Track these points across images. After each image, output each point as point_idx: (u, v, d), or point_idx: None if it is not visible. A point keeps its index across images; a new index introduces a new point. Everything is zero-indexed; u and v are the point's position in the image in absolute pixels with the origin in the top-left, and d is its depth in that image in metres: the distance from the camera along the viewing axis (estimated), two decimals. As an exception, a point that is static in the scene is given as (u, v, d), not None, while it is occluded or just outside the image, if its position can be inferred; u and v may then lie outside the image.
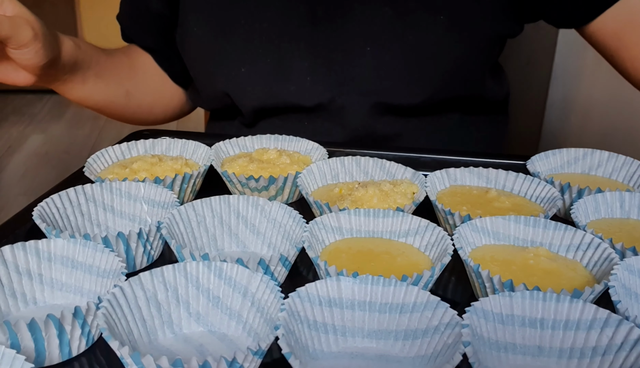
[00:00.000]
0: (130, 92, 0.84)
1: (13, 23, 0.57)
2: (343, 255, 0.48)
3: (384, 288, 0.40)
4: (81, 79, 0.74)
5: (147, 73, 0.87)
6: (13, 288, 0.43)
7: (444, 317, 0.38)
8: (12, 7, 0.59)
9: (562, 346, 0.39)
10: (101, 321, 0.35)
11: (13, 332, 0.36)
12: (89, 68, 0.75)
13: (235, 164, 0.62)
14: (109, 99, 0.81)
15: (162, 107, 0.90)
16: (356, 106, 0.78)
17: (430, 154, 0.73)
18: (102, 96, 0.80)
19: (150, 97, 0.88)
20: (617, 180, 0.64)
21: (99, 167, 0.62)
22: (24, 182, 2.51)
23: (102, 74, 0.78)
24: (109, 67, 0.79)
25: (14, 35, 0.57)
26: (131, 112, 0.86)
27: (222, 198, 0.52)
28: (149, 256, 0.50)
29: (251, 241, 0.52)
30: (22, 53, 0.60)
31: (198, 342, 0.40)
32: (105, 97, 0.81)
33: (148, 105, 0.88)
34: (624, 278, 0.42)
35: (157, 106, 0.90)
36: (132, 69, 0.85)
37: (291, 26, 0.75)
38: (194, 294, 0.42)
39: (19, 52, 0.59)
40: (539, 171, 0.62)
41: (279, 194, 0.61)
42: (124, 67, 0.83)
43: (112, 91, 0.81)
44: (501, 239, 0.50)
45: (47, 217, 0.50)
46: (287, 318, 0.37)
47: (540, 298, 0.39)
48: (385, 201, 0.55)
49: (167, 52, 0.86)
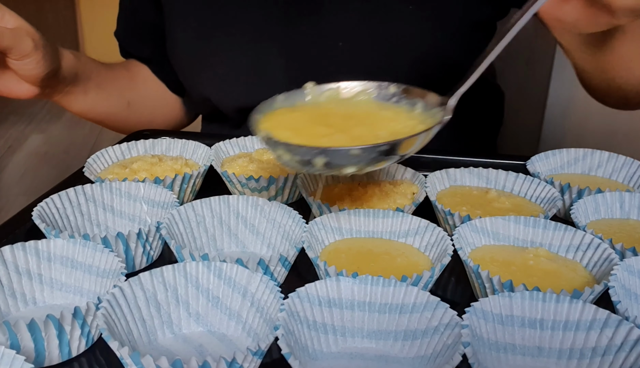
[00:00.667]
0: (131, 104, 0.86)
1: (14, 34, 0.59)
2: (343, 256, 0.48)
3: (383, 288, 0.40)
4: (83, 90, 0.76)
5: (146, 84, 0.89)
6: (13, 288, 0.43)
7: (443, 318, 0.38)
8: (14, 20, 0.61)
9: (561, 346, 0.39)
10: (101, 321, 0.35)
11: (13, 332, 0.36)
12: (89, 79, 0.77)
13: (235, 164, 0.62)
14: (111, 111, 0.83)
15: (163, 117, 0.92)
16: None
17: (430, 154, 0.73)
18: (104, 107, 0.82)
19: (151, 108, 0.90)
20: (617, 181, 0.64)
21: (98, 167, 0.62)
22: (24, 182, 2.51)
23: (104, 85, 0.80)
24: (110, 79, 0.82)
25: (16, 46, 0.59)
26: (132, 123, 0.88)
27: (221, 198, 0.52)
28: (148, 256, 0.50)
29: (251, 242, 0.52)
30: (24, 64, 0.61)
31: (197, 342, 0.40)
32: (107, 109, 0.83)
33: (149, 115, 0.90)
34: (623, 279, 0.42)
35: (157, 116, 0.91)
36: (132, 81, 0.87)
37: (267, 26, 0.77)
38: (193, 294, 0.42)
39: (21, 63, 0.61)
40: (538, 172, 0.62)
41: (279, 194, 0.61)
42: (124, 78, 0.85)
43: (113, 102, 0.83)
44: (501, 239, 0.50)
45: (46, 217, 0.50)
46: (287, 318, 0.37)
47: (540, 298, 0.39)
48: (385, 201, 0.55)
49: (163, 62, 0.87)
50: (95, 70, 0.78)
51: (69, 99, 0.76)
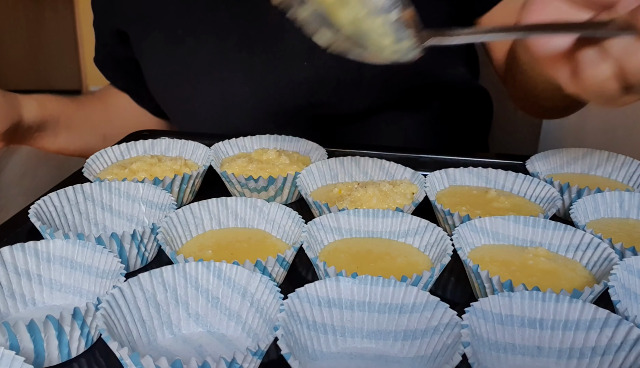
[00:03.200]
0: (107, 137, 0.86)
1: None
2: (342, 256, 0.48)
3: (383, 288, 0.40)
4: (52, 133, 0.77)
5: (124, 113, 0.89)
6: (12, 289, 0.43)
7: (443, 317, 0.38)
8: None
9: (561, 346, 0.39)
10: (100, 322, 0.35)
11: (12, 333, 0.36)
12: (57, 123, 0.77)
13: (234, 164, 0.62)
14: (87, 146, 0.83)
15: None
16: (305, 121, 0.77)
17: (430, 154, 0.73)
18: (78, 145, 0.82)
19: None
20: (616, 180, 0.64)
21: (98, 167, 0.62)
22: (23, 182, 2.50)
23: (74, 125, 0.80)
24: (80, 118, 0.82)
25: None
26: None
27: (219, 200, 0.52)
28: (143, 257, 0.50)
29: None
30: None
31: (197, 343, 0.40)
32: (82, 145, 0.83)
33: None
34: (623, 278, 0.42)
35: None
36: (107, 113, 0.87)
37: (229, 54, 0.76)
38: (193, 295, 0.41)
39: None
40: (538, 171, 0.62)
41: (278, 194, 0.61)
42: (96, 113, 0.85)
43: (87, 139, 0.83)
44: (500, 239, 0.50)
45: (43, 215, 0.50)
46: (287, 318, 0.37)
47: (539, 298, 0.39)
48: (384, 201, 0.55)
49: (141, 91, 0.87)
50: (63, 112, 0.78)
51: (40, 143, 0.76)
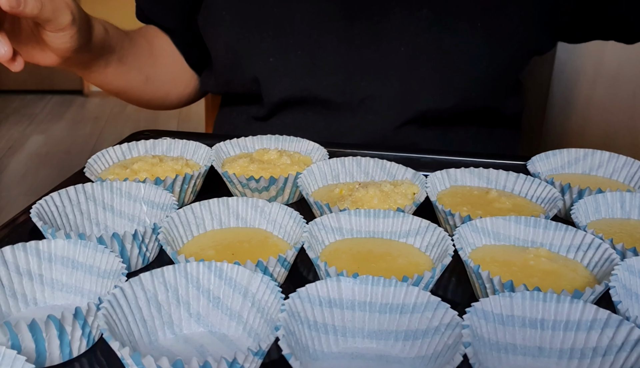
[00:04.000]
0: (149, 79, 0.84)
1: (54, 6, 0.56)
2: (343, 256, 0.48)
3: (384, 288, 0.40)
4: (104, 63, 0.74)
5: (166, 59, 0.86)
6: (14, 289, 0.43)
7: (444, 318, 0.38)
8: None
9: (562, 347, 0.39)
10: (102, 321, 0.35)
11: (14, 332, 0.36)
12: (113, 52, 0.74)
13: (235, 164, 0.62)
14: (129, 85, 0.82)
15: (177, 94, 0.90)
16: (384, 107, 0.77)
17: (431, 154, 0.73)
18: (122, 81, 0.80)
19: (167, 84, 0.88)
20: (617, 181, 0.64)
21: (99, 167, 0.62)
22: (25, 182, 2.51)
23: (125, 59, 0.78)
24: (131, 53, 0.79)
25: (54, 18, 0.56)
26: (147, 98, 0.87)
27: (220, 200, 0.52)
28: (144, 257, 0.50)
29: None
30: (58, 37, 0.59)
31: (198, 343, 0.40)
32: (126, 83, 0.81)
33: (164, 92, 0.88)
34: (624, 279, 0.42)
35: (172, 93, 0.89)
36: (152, 55, 0.84)
37: (325, 19, 0.75)
38: (194, 295, 0.42)
39: (55, 36, 0.59)
40: (539, 172, 0.62)
41: (280, 194, 0.61)
42: (144, 52, 0.82)
43: (132, 76, 0.81)
44: (501, 239, 0.50)
45: (45, 215, 0.50)
46: (288, 318, 0.37)
47: (540, 298, 0.39)
48: (385, 201, 0.55)
49: (187, 34, 0.85)
50: (119, 43, 0.75)
51: (89, 71, 0.74)
